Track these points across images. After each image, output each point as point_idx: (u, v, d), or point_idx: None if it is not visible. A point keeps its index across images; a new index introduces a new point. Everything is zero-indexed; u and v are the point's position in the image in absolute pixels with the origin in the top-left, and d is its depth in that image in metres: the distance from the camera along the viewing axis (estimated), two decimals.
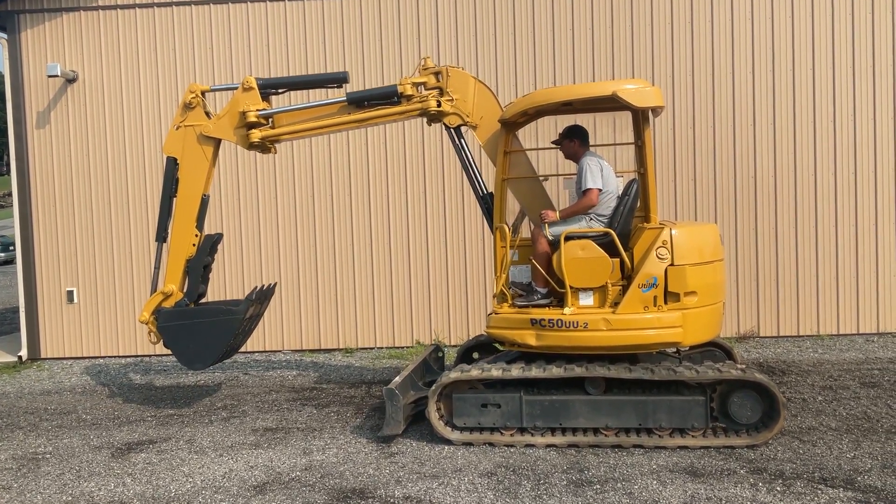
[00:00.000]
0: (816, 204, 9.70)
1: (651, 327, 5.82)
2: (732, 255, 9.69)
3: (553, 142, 6.84)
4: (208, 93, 7.26)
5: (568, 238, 6.01)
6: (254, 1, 10.10)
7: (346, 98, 6.90)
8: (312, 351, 10.20)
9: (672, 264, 5.82)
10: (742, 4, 9.69)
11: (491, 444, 5.99)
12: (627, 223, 6.20)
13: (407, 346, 10.08)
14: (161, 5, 10.18)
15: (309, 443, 6.29)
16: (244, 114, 6.91)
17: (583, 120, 7.50)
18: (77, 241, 10.36)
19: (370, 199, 10.11)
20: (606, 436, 5.85)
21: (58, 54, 10.25)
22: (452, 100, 6.66)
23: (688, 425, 5.76)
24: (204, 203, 7.13)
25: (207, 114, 7.13)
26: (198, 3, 10.14)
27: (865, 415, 6.39)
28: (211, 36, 10.17)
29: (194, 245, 7.10)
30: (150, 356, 10.17)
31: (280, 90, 7.31)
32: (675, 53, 9.77)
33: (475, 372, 6.01)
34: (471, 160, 6.95)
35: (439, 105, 6.66)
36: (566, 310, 5.96)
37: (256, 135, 6.94)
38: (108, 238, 10.33)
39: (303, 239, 10.19)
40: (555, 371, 5.87)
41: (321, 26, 10.06)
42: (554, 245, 6.12)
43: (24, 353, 10.38)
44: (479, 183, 6.89)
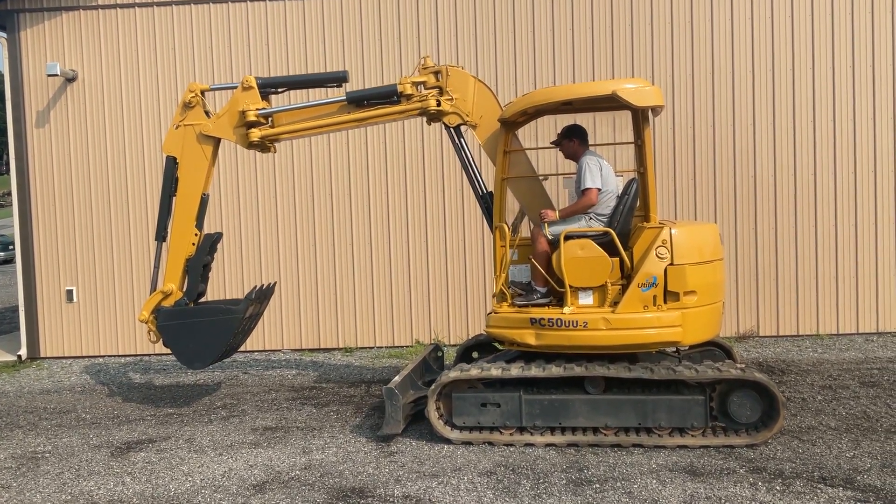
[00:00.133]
0: (816, 203, 9.70)
1: (651, 327, 5.82)
2: (732, 255, 9.69)
3: (552, 142, 6.84)
4: (208, 92, 7.26)
5: (567, 237, 6.01)
6: (253, 0, 10.10)
7: (346, 97, 6.89)
8: (312, 350, 10.20)
9: (672, 264, 5.82)
10: (742, 5, 9.69)
11: (490, 444, 5.99)
12: (627, 222, 6.20)
13: (406, 346, 10.07)
14: (161, 5, 10.17)
15: (308, 442, 6.29)
16: (244, 113, 6.91)
17: (582, 119, 7.50)
18: (76, 241, 10.35)
19: (370, 199, 10.11)
20: (606, 435, 5.85)
21: (57, 53, 10.25)
22: (452, 99, 6.65)
23: (687, 425, 5.76)
24: (203, 202, 7.13)
25: (207, 113, 7.13)
26: (197, 3, 10.13)
27: (865, 414, 6.39)
28: (210, 35, 10.16)
29: (194, 244, 7.11)
30: (150, 355, 10.16)
31: (280, 89, 7.31)
32: (675, 53, 9.77)
33: (475, 371, 6.01)
34: (470, 160, 6.95)
35: (439, 104, 6.65)
36: (566, 309, 5.96)
37: (256, 134, 6.93)
38: (108, 237, 10.33)
39: (302, 238, 10.19)
40: (554, 370, 5.87)
41: (321, 26, 10.06)
42: (553, 244, 6.12)
43: (24, 353, 10.37)
44: (479, 182, 6.88)
